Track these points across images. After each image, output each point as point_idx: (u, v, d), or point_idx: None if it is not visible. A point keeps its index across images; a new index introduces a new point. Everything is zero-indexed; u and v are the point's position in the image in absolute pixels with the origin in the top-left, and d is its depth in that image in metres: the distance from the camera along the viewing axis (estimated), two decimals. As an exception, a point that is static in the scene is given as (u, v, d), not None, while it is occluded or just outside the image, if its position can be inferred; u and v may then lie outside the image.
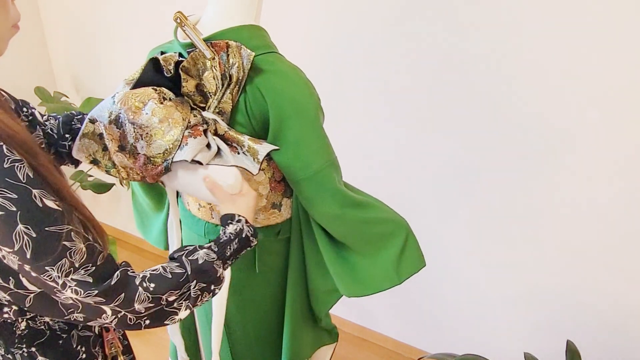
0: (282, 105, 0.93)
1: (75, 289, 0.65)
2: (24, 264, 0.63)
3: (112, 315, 0.69)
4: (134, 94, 0.88)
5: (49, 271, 0.64)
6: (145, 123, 0.87)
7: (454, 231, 1.75)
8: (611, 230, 1.47)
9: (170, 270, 0.74)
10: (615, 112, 1.36)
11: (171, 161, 0.87)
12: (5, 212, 0.60)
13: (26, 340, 0.75)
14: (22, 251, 0.62)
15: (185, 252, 0.78)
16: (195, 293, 0.76)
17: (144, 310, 0.71)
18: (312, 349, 1.32)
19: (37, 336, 0.75)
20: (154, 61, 0.93)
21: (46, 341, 0.76)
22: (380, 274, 1.08)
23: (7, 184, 0.61)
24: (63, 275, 0.64)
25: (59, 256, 0.64)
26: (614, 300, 1.54)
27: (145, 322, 0.73)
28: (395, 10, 1.57)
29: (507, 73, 1.46)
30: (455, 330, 1.90)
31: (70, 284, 0.65)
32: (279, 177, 1.07)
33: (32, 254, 0.62)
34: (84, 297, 0.66)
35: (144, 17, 2.15)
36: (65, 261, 0.64)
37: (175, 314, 0.75)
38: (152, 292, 0.71)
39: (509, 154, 1.55)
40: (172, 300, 0.73)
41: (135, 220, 1.27)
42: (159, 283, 0.72)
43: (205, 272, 0.77)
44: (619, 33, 1.29)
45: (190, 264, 0.75)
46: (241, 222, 0.86)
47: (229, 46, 0.91)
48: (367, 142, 1.80)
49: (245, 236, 0.85)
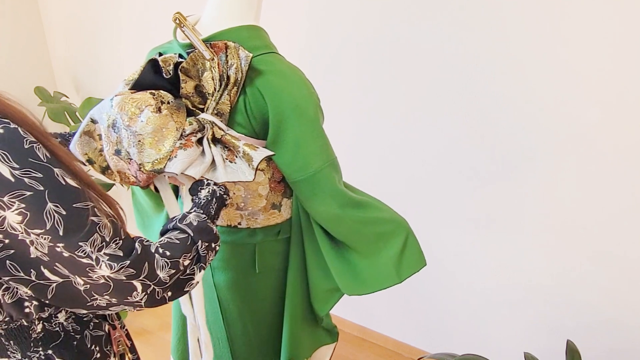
0: (282, 106, 0.93)
1: (109, 264, 0.66)
2: (57, 243, 0.63)
3: (142, 292, 0.70)
4: (132, 99, 0.88)
5: (83, 246, 0.64)
6: (139, 131, 0.87)
7: (454, 231, 1.75)
8: (611, 230, 1.47)
9: (175, 237, 0.76)
10: (616, 113, 1.36)
11: (162, 170, 0.87)
12: (33, 192, 0.61)
13: (42, 343, 0.75)
14: (54, 229, 0.62)
15: (176, 220, 0.80)
16: (203, 252, 0.78)
17: (168, 279, 0.72)
18: (312, 348, 1.32)
19: (52, 338, 0.76)
20: (153, 62, 0.93)
21: (61, 343, 0.76)
22: (381, 273, 1.08)
23: (31, 164, 0.61)
24: (96, 250, 0.65)
25: (90, 231, 0.65)
26: (614, 300, 1.53)
27: (169, 294, 0.74)
28: (394, 10, 1.57)
29: (507, 73, 1.46)
30: (455, 330, 1.90)
31: (103, 258, 0.66)
32: (278, 178, 1.07)
33: (65, 231, 0.63)
34: (116, 272, 0.67)
35: (144, 17, 2.15)
36: (97, 236, 0.65)
37: (192, 279, 0.77)
38: (169, 258, 0.73)
39: (508, 154, 1.55)
40: (187, 264, 0.76)
41: (136, 219, 1.27)
42: (172, 249, 0.74)
43: (204, 230, 0.80)
44: (619, 33, 1.29)
45: (189, 227, 0.78)
46: (210, 185, 0.90)
47: (227, 47, 0.91)
48: (367, 142, 1.80)
49: (219, 195, 0.89)
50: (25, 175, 0.61)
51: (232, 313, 1.19)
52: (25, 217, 0.61)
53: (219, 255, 1.14)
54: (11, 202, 0.60)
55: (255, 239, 1.12)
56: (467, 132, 1.59)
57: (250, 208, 1.07)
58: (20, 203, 0.61)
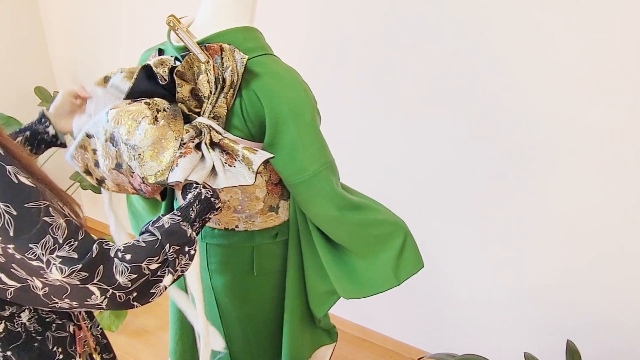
0: (278, 108, 0.93)
1: (60, 267, 0.64)
2: (7, 244, 0.62)
3: (101, 296, 0.68)
4: (127, 112, 0.87)
5: (33, 248, 0.62)
6: (139, 144, 0.86)
7: (454, 231, 1.74)
8: (611, 230, 1.46)
9: (143, 239, 0.74)
10: (616, 113, 1.35)
11: (165, 181, 0.87)
12: None
13: (2, 343, 0.74)
14: (4, 230, 0.61)
15: (150, 222, 0.79)
16: (172, 256, 0.75)
17: (130, 283, 0.70)
18: (311, 349, 1.32)
19: (13, 339, 0.75)
20: (146, 69, 0.92)
21: (22, 344, 0.75)
22: (379, 275, 1.07)
23: None
24: (47, 253, 0.63)
25: (42, 232, 0.63)
26: (614, 300, 1.53)
27: (134, 296, 0.72)
28: (394, 10, 1.56)
29: (508, 73, 1.46)
30: (455, 330, 1.90)
31: (54, 261, 0.64)
32: (276, 180, 1.06)
33: (15, 232, 0.61)
34: (68, 275, 0.64)
35: (144, 17, 2.14)
36: (48, 238, 0.63)
37: (159, 281, 0.74)
38: (129, 262, 0.70)
39: (508, 154, 1.54)
40: (155, 268, 0.73)
41: (130, 222, 1.27)
42: (134, 252, 0.71)
43: (175, 233, 0.77)
44: (620, 33, 1.28)
45: (158, 230, 0.76)
46: (199, 188, 0.87)
47: (223, 49, 0.91)
48: (365, 144, 1.80)
49: (205, 197, 0.86)
50: None
51: (231, 315, 1.19)
52: None
53: (217, 258, 1.14)
54: None
55: (253, 242, 1.12)
56: (468, 133, 1.58)
57: (248, 211, 1.07)
58: None
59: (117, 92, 0.99)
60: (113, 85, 1.00)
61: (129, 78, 0.98)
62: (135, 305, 0.73)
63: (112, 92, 0.99)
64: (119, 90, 0.99)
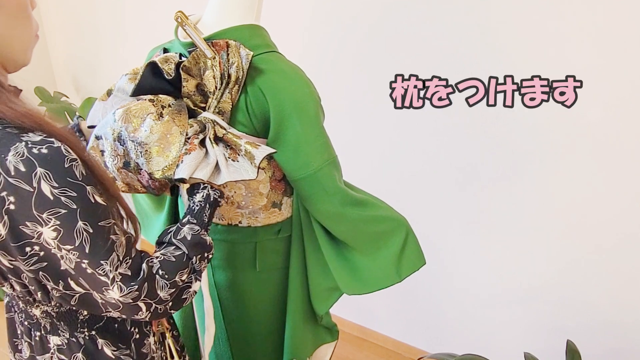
0: (283, 104, 0.93)
1: (120, 285, 0.70)
2: (83, 259, 0.67)
3: (146, 311, 0.74)
4: (132, 110, 0.89)
5: (103, 265, 0.68)
6: (145, 140, 0.88)
7: (454, 231, 1.75)
8: (612, 230, 1.47)
9: (172, 254, 0.79)
10: (616, 112, 1.36)
11: (172, 176, 0.88)
12: (67, 210, 0.65)
13: (87, 325, 0.81)
14: (81, 247, 0.66)
15: (171, 233, 0.83)
16: (198, 266, 0.83)
17: (169, 297, 0.76)
18: (312, 347, 1.32)
19: (96, 321, 0.82)
20: (152, 65, 0.93)
21: (104, 325, 0.82)
22: (381, 272, 1.08)
23: (68, 182, 0.65)
24: (114, 270, 0.69)
25: (110, 250, 0.69)
26: (614, 300, 1.54)
27: (170, 305, 0.78)
28: (394, 8, 1.57)
29: (507, 71, 1.46)
30: (455, 330, 1.90)
31: (117, 278, 0.69)
32: (279, 176, 1.07)
33: (90, 249, 0.67)
34: (125, 295, 0.70)
35: (144, 17, 2.15)
36: (114, 255, 0.69)
37: (189, 287, 0.81)
38: (167, 279, 0.76)
39: (509, 154, 1.55)
40: (185, 279, 0.80)
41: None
42: (168, 268, 0.77)
43: (198, 244, 0.83)
44: (620, 33, 1.29)
45: (183, 243, 0.81)
46: (207, 188, 0.90)
47: (229, 45, 0.92)
48: (368, 141, 1.81)
49: (214, 199, 0.90)
50: (62, 194, 0.64)
51: (232, 312, 1.19)
52: (59, 234, 0.65)
53: (219, 254, 1.15)
54: (49, 219, 0.64)
55: (256, 238, 1.12)
56: (467, 132, 1.59)
57: (251, 206, 1.07)
58: (55, 220, 0.65)
59: (124, 95, 1.00)
60: (119, 89, 1.01)
61: (133, 79, 0.99)
62: (172, 313, 0.79)
63: (119, 96, 1.00)
64: (125, 93, 1.00)
